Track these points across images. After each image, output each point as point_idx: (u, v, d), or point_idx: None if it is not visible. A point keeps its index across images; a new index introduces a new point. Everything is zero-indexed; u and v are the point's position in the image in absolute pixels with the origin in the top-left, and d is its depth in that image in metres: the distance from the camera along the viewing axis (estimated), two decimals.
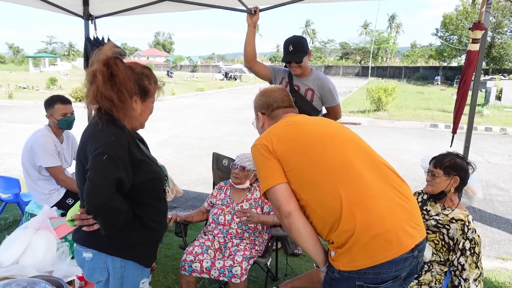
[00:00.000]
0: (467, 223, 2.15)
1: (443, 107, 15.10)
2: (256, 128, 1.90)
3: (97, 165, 1.37)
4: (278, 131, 1.61)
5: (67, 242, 2.29)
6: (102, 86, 1.42)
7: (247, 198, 2.72)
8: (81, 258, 1.56)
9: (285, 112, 1.76)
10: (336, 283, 1.43)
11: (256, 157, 1.58)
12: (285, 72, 3.20)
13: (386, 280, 1.40)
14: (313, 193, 1.45)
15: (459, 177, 2.23)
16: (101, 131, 1.45)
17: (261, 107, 1.80)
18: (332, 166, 1.47)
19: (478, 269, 2.13)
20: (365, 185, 1.44)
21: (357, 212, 1.37)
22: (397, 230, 1.38)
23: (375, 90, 13.18)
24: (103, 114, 1.49)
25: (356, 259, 1.37)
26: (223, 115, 13.14)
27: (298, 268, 3.13)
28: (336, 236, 1.39)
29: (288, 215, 1.44)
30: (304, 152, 1.51)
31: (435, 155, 2.37)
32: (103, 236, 1.49)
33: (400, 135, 9.98)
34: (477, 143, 9.26)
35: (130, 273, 1.56)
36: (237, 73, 38.69)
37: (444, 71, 38.92)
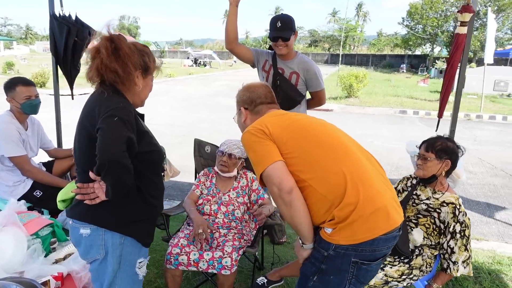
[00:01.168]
0: (458, 206, 2.14)
1: (410, 94, 15.52)
2: (237, 123, 1.91)
3: (109, 124, 1.39)
4: (271, 119, 1.64)
5: (39, 238, 2.07)
6: (107, 59, 1.46)
7: (233, 187, 2.59)
8: (78, 235, 1.52)
9: (268, 108, 1.78)
10: (330, 260, 1.45)
11: (250, 141, 1.57)
12: (268, 55, 3.06)
13: (378, 257, 1.49)
14: (315, 173, 1.47)
15: (450, 161, 2.22)
16: (108, 99, 1.48)
17: (244, 102, 1.82)
18: (331, 146, 1.54)
19: (467, 251, 2.13)
20: (362, 163, 1.52)
21: (360, 186, 1.43)
22: (389, 207, 1.47)
23: (346, 77, 13.31)
24: (107, 86, 1.52)
25: (357, 233, 1.41)
26: (194, 101, 12.83)
27: (284, 256, 3.06)
28: (339, 210, 1.41)
29: (290, 191, 1.43)
30: (301, 135, 1.56)
31: (425, 139, 2.34)
32: (102, 211, 1.49)
33: (372, 121, 10.14)
34: (445, 128, 9.56)
35: (128, 251, 1.54)
36: (206, 59, 37.97)
37: (409, 59, 40.08)
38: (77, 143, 1.56)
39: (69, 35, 3.28)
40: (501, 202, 4.76)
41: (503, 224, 4.12)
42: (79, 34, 3.26)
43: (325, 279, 1.50)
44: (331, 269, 1.47)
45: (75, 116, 1.68)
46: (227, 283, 2.21)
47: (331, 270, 1.47)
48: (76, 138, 1.56)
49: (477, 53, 32.84)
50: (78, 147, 1.55)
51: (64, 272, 1.89)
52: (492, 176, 5.76)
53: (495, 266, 2.97)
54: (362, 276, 1.49)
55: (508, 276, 2.83)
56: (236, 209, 2.51)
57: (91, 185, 1.48)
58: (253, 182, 2.63)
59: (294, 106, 3.06)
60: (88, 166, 1.47)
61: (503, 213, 4.41)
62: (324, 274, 1.49)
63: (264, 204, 2.57)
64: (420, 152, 2.29)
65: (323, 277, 1.49)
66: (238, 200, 2.55)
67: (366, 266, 1.46)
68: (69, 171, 3.26)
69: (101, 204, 1.48)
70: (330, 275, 1.48)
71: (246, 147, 1.60)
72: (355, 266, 1.45)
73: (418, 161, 2.28)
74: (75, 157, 1.61)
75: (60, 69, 3.49)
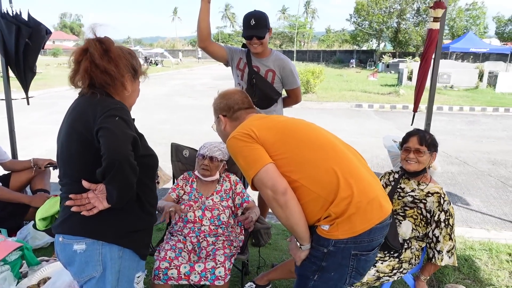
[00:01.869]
0: (442, 195, 2.20)
1: (364, 88, 16.08)
2: (216, 131, 1.89)
3: (112, 122, 1.29)
4: (255, 123, 1.63)
5: (7, 265, 1.82)
6: (99, 60, 1.38)
7: (216, 191, 2.48)
8: (71, 252, 1.39)
9: (247, 113, 1.78)
10: (330, 256, 1.47)
11: (237, 146, 1.55)
12: (242, 52, 2.97)
13: (375, 246, 1.53)
14: (306, 172, 1.48)
15: (436, 153, 2.28)
16: (103, 100, 1.40)
17: (222, 109, 1.80)
18: (318, 144, 1.55)
19: (451, 241, 2.20)
20: (349, 159, 1.55)
21: (351, 180, 1.46)
22: (380, 196, 1.53)
23: (303, 73, 13.49)
24: (97, 88, 1.42)
25: (355, 225, 1.44)
26: (150, 102, 12.35)
27: (268, 258, 3.00)
28: (335, 206, 1.43)
29: (285, 192, 1.43)
30: (287, 135, 1.56)
31: (409, 131, 2.36)
32: (99, 222, 1.38)
33: (330, 116, 10.37)
34: (399, 120, 10.02)
35: (126, 266, 1.45)
36: (158, 57, 36.88)
37: (358, 55, 41.60)
38: (65, 151, 1.42)
39: (19, 35, 2.97)
40: (460, 188, 5.04)
41: (465, 209, 4.36)
42: (34, 34, 2.95)
43: (326, 276, 1.51)
44: (332, 265, 1.49)
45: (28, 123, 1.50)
46: None
47: (331, 267, 1.49)
48: (64, 145, 1.43)
49: (419, 48, 34.87)
50: (67, 155, 1.42)
51: None
52: (449, 164, 6.09)
53: (468, 251, 3.11)
54: (362, 267, 1.54)
55: (482, 261, 2.98)
56: (222, 214, 2.40)
57: (85, 195, 1.36)
58: (236, 185, 2.54)
59: (271, 104, 3.00)
60: (80, 174, 1.36)
61: (463, 199, 4.67)
62: (324, 272, 1.50)
63: (250, 207, 2.48)
64: (411, 145, 2.28)
65: (323, 275, 1.51)
66: (222, 204, 2.45)
67: (365, 256, 1.51)
68: (28, 185, 2.97)
69: (97, 215, 1.36)
70: (331, 272, 1.50)
71: (233, 153, 1.56)
72: (355, 259, 1.49)
73: (410, 155, 2.26)
74: (61, 168, 1.46)
75: (12, 71, 3.15)
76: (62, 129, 1.46)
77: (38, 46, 2.99)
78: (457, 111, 11.77)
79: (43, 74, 20.45)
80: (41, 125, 8.48)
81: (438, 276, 2.75)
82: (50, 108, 10.66)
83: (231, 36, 64.53)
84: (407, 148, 2.29)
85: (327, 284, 1.53)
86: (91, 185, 1.36)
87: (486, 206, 4.46)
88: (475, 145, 7.46)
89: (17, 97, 11.49)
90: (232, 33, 67.72)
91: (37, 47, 2.99)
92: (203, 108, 9.36)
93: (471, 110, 11.83)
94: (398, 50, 37.35)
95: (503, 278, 2.75)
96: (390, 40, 38.32)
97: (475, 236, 3.50)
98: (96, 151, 1.29)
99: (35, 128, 8.03)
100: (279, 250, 3.17)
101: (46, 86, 15.58)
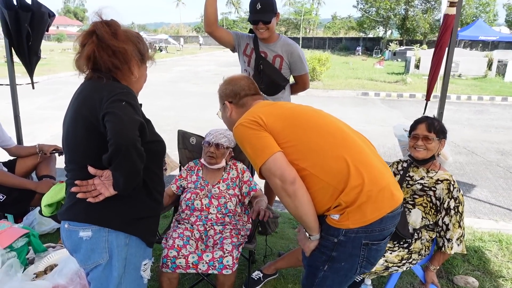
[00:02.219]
0: (452, 182, 2.17)
1: (370, 76, 15.90)
2: (221, 118, 1.84)
3: (119, 107, 1.25)
4: (262, 109, 1.58)
5: (14, 252, 1.80)
6: (109, 41, 1.34)
7: (223, 179, 2.44)
8: (77, 239, 1.36)
9: (254, 99, 1.74)
10: (340, 246, 1.44)
11: (244, 134, 1.50)
12: (249, 38, 2.90)
13: (386, 236, 1.50)
14: (315, 159, 1.44)
15: (445, 140, 2.23)
16: (109, 84, 1.36)
17: (228, 96, 1.75)
18: (327, 131, 1.51)
19: (460, 228, 2.16)
20: (360, 147, 1.51)
21: (362, 168, 1.43)
22: (391, 185, 1.49)
23: (309, 61, 13.29)
24: (103, 73, 1.38)
25: (366, 214, 1.41)
26: (154, 88, 12.28)
27: (274, 247, 2.98)
28: (345, 195, 1.40)
29: (294, 181, 1.39)
30: (296, 123, 1.52)
31: (418, 119, 2.31)
32: (105, 209, 1.35)
33: (337, 104, 10.26)
34: (406, 109, 9.91)
35: (133, 253, 1.42)
36: (162, 44, 36.62)
37: (364, 42, 41.07)
38: (71, 137, 1.39)
39: (19, 20, 2.90)
40: (468, 179, 4.98)
41: (473, 200, 4.31)
42: (36, 18, 2.88)
43: (336, 266, 1.49)
44: (342, 255, 1.46)
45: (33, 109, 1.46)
46: (228, 283, 2.08)
47: (342, 256, 1.47)
48: (69, 131, 1.39)
49: (427, 35, 34.33)
50: (73, 141, 1.38)
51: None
52: (457, 154, 6.02)
53: (477, 242, 3.07)
54: (373, 256, 1.50)
55: (492, 252, 2.94)
56: (228, 202, 2.37)
57: (91, 182, 1.33)
58: (244, 173, 2.50)
59: (278, 91, 2.94)
60: (86, 160, 1.33)
61: (471, 189, 4.61)
62: (335, 262, 1.48)
63: (257, 196, 2.45)
64: (419, 132, 2.24)
65: (334, 265, 1.48)
66: (229, 192, 2.41)
67: (376, 246, 1.48)
68: (34, 171, 2.94)
69: (103, 202, 1.34)
70: (341, 262, 1.48)
71: (240, 141, 1.52)
72: (366, 248, 1.46)
73: (419, 142, 2.23)
74: (67, 153, 1.42)
75: (17, 56, 3.10)
76: (68, 114, 1.43)
77: (42, 30, 2.93)
78: (465, 100, 11.61)
79: (47, 59, 20.37)
80: (46, 110, 8.46)
81: (447, 268, 2.72)
82: (55, 94, 10.63)
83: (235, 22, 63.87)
84: (415, 135, 2.25)
85: (337, 274, 1.51)
86: (97, 171, 1.32)
87: (494, 196, 4.40)
88: (483, 134, 7.37)
89: (22, 82, 11.51)
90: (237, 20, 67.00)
91: (40, 31, 2.93)
92: (208, 95, 9.30)
93: (479, 99, 11.67)
94: (405, 37, 36.80)
95: None
96: (398, 27, 37.72)
97: (483, 227, 3.46)
98: (102, 136, 1.26)
99: (40, 114, 8.02)
100: (286, 239, 3.15)
101: (50, 72, 15.55)
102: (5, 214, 2.71)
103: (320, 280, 1.52)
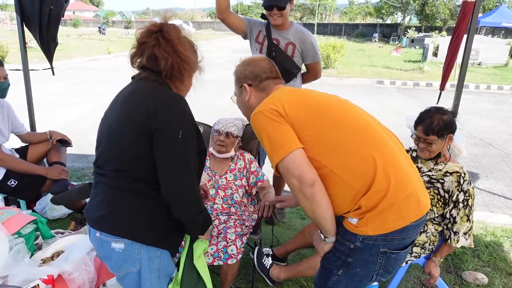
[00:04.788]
0: (462, 174, 2.09)
1: (386, 64, 15.56)
2: (236, 103, 1.71)
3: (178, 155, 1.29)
4: (284, 97, 1.44)
5: (21, 237, 1.84)
6: (178, 46, 1.35)
7: (230, 169, 2.43)
8: (109, 249, 1.34)
9: (275, 83, 1.60)
10: (357, 253, 1.35)
11: (263, 124, 1.37)
12: (262, 25, 2.85)
13: (407, 245, 1.39)
14: (338, 157, 1.32)
15: (452, 134, 2.14)
16: (162, 92, 1.34)
17: (247, 77, 1.61)
18: (354, 126, 1.39)
19: (469, 222, 2.09)
20: (388, 145, 1.39)
21: (391, 171, 1.31)
22: (419, 191, 1.37)
23: (323, 48, 13.10)
24: (151, 73, 1.37)
25: (387, 221, 1.30)
26: None
27: (281, 237, 2.98)
28: (367, 199, 1.29)
29: (313, 183, 1.28)
30: (320, 114, 1.39)
31: (420, 115, 2.20)
32: (139, 222, 1.34)
33: (350, 93, 10.09)
34: (422, 98, 9.69)
35: (165, 264, 1.42)
36: None
37: (381, 29, 40.09)
38: (115, 138, 1.33)
39: (43, 3, 2.89)
40: (483, 171, 4.86)
41: (487, 193, 4.21)
42: (55, 1, 2.87)
43: (351, 272, 1.40)
44: (358, 261, 1.36)
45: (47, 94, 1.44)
46: (231, 272, 2.10)
47: (358, 263, 1.37)
48: (114, 132, 1.34)
49: (447, 22, 33.29)
50: (117, 141, 1.32)
51: (55, 274, 1.70)
52: (472, 145, 5.87)
53: (489, 237, 3.01)
54: (391, 265, 1.40)
55: (504, 248, 2.87)
56: (235, 193, 2.37)
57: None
58: (251, 163, 2.48)
59: (290, 79, 2.89)
60: (127, 166, 1.32)
61: (486, 182, 4.51)
62: (350, 268, 1.38)
63: (264, 187, 2.43)
64: (418, 135, 2.15)
65: (349, 270, 1.39)
66: (236, 183, 2.40)
67: (395, 255, 1.37)
68: (45, 157, 2.99)
69: (137, 215, 1.34)
70: (356, 268, 1.38)
71: (258, 131, 1.40)
72: (384, 256, 1.35)
73: (420, 144, 2.16)
74: (103, 151, 1.37)
75: (37, 42, 3.10)
76: (113, 113, 1.38)
77: (59, 14, 2.93)
78: (484, 90, 11.28)
79: (63, 45, 20.56)
80: (61, 96, 8.58)
81: (456, 263, 2.68)
82: (70, 79, 10.76)
83: (250, 8, 63.09)
84: (416, 137, 2.16)
85: (352, 279, 1.42)
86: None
87: (510, 190, 4.30)
88: (501, 126, 7.16)
89: (38, 67, 11.64)
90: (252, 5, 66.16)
91: (58, 15, 2.92)
92: (221, 82, 9.25)
93: (499, 88, 11.32)
94: (424, 24, 35.76)
95: None
96: (417, 13, 36.63)
97: (496, 221, 3.38)
98: (149, 142, 1.28)
99: (55, 99, 8.13)
100: (293, 229, 3.14)
101: (66, 57, 15.71)
102: (18, 200, 2.77)
103: (334, 283, 1.44)
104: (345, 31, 43.67)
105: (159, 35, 1.35)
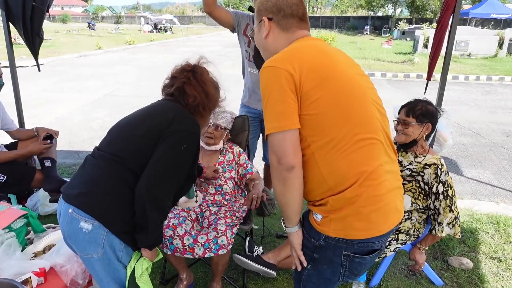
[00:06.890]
0: (440, 166, 2.15)
1: (377, 56, 15.63)
2: (253, 40, 1.58)
3: (172, 161, 1.44)
4: (311, 59, 1.25)
5: (12, 232, 1.86)
6: (208, 88, 1.62)
7: (219, 162, 2.46)
8: (76, 227, 1.38)
9: (300, 27, 1.38)
10: (322, 250, 1.32)
11: (271, 84, 1.22)
12: (250, 18, 2.86)
13: (374, 250, 1.32)
14: (328, 152, 1.22)
15: (431, 124, 2.19)
16: (184, 113, 1.55)
17: (268, 10, 1.37)
18: (363, 125, 1.25)
19: (452, 212, 2.14)
20: (382, 157, 1.28)
21: (369, 183, 1.22)
22: (393, 204, 1.30)
23: None
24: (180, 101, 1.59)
25: (350, 228, 1.25)
26: (159, 70, 12.24)
27: (272, 228, 3.02)
28: (336, 199, 1.23)
29: (291, 169, 1.20)
30: (335, 105, 1.22)
31: (404, 103, 2.29)
32: (112, 209, 1.40)
33: None
34: (412, 90, 9.77)
35: (126, 256, 1.47)
36: (167, 24, 36.21)
37: (373, 21, 40.18)
38: (132, 126, 1.53)
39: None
40: (471, 160, 4.95)
41: (475, 182, 4.29)
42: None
43: (319, 268, 1.38)
44: (323, 259, 1.34)
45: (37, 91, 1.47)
46: (222, 262, 2.14)
47: (323, 260, 1.34)
48: (131, 122, 1.54)
49: (437, 13, 33.41)
50: (131, 128, 1.52)
51: (47, 266, 1.72)
52: (461, 135, 5.96)
53: (475, 224, 3.08)
54: (356, 268, 1.35)
55: (489, 234, 2.95)
56: (224, 185, 2.39)
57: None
58: (240, 156, 2.51)
59: None
60: (127, 154, 1.45)
61: (474, 171, 4.59)
62: (317, 263, 1.37)
63: (254, 179, 2.46)
64: (399, 117, 2.24)
65: (316, 265, 1.37)
66: (225, 175, 2.43)
67: (359, 259, 1.31)
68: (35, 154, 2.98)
69: (114, 202, 1.41)
70: (323, 265, 1.36)
71: (263, 88, 1.25)
72: (347, 259, 1.31)
73: (399, 127, 2.23)
74: (111, 135, 1.54)
75: (22, 38, 3.08)
76: (136, 113, 1.58)
77: (42, 9, 2.90)
78: (473, 81, 11.40)
79: (52, 41, 20.31)
80: (51, 92, 8.50)
81: (442, 249, 2.74)
82: (60, 76, 10.65)
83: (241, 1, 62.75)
84: (397, 119, 2.24)
85: (321, 276, 1.38)
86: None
87: (497, 178, 4.38)
88: (489, 115, 7.27)
89: (27, 64, 11.49)
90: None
91: (42, 11, 2.90)
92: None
93: (488, 79, 11.45)
94: (415, 16, 35.89)
95: (509, 252, 2.73)
96: (407, 5, 36.74)
97: (483, 209, 3.46)
98: (156, 141, 1.45)
99: (45, 96, 8.06)
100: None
101: (55, 54, 15.52)
102: (8, 195, 2.77)
103: (306, 277, 1.42)
104: (336, 24, 43.69)
105: (190, 74, 1.60)
